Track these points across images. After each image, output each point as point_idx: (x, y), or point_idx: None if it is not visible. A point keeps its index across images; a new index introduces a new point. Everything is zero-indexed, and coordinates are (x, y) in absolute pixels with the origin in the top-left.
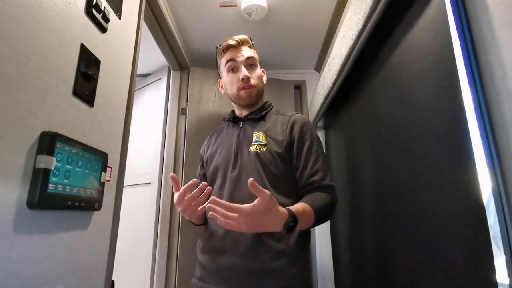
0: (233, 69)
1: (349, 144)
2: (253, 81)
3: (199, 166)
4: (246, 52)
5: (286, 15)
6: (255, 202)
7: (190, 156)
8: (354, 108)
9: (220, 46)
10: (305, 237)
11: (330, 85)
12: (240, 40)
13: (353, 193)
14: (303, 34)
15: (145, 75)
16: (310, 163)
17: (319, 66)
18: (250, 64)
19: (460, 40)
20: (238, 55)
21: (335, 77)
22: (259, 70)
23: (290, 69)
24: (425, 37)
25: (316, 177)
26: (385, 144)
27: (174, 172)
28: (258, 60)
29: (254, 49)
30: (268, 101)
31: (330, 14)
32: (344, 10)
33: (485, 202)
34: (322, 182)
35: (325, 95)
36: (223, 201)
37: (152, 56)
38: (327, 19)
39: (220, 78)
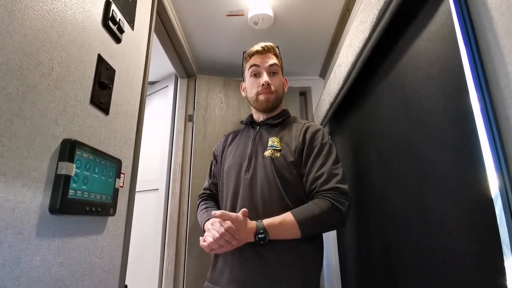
0: (256, 74)
1: (355, 150)
2: (273, 88)
3: (211, 164)
4: (270, 59)
5: (292, 24)
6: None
7: (197, 162)
8: (360, 114)
9: (247, 51)
10: (317, 248)
11: (336, 92)
12: (266, 47)
13: (360, 199)
14: (308, 42)
15: (152, 83)
16: (315, 167)
17: (323, 73)
18: (272, 71)
19: (466, 48)
20: (263, 61)
21: (341, 84)
22: (280, 78)
23: (295, 76)
24: (432, 45)
25: (319, 181)
26: (391, 149)
27: (181, 178)
28: (282, 68)
29: (279, 57)
30: (286, 109)
31: (335, 23)
32: (349, 19)
33: (494, 205)
34: (324, 186)
35: (331, 101)
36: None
37: (159, 64)
38: (332, 28)
39: (243, 81)
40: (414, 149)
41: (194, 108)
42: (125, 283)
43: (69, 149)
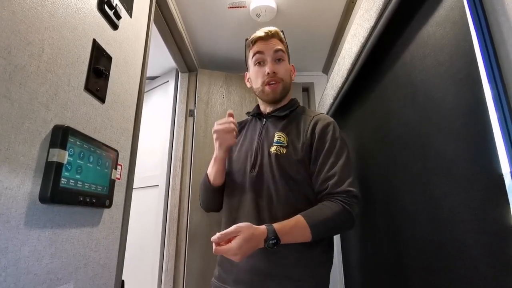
0: (260, 62)
1: (361, 143)
2: (279, 76)
3: None
4: (275, 45)
5: (295, 17)
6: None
7: (198, 158)
8: (365, 107)
9: (249, 37)
10: (327, 249)
11: (340, 85)
12: (270, 32)
13: (365, 193)
14: (311, 36)
15: (152, 78)
16: (326, 167)
17: (326, 68)
18: (278, 58)
19: (476, 32)
20: (267, 47)
21: (345, 76)
22: (287, 65)
23: (298, 72)
24: (441, 30)
25: (330, 182)
26: (398, 141)
27: (181, 174)
28: (288, 54)
29: (285, 42)
30: (295, 98)
31: (339, 16)
32: (353, 11)
33: (508, 196)
34: (336, 188)
35: (335, 95)
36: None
37: (160, 58)
38: (335, 21)
39: (248, 71)
40: (422, 139)
41: (195, 103)
42: (123, 279)
43: (61, 136)
